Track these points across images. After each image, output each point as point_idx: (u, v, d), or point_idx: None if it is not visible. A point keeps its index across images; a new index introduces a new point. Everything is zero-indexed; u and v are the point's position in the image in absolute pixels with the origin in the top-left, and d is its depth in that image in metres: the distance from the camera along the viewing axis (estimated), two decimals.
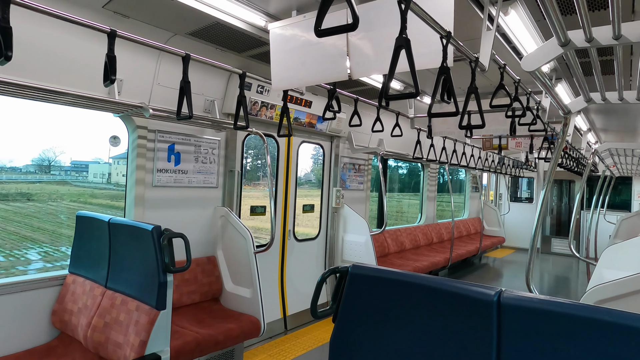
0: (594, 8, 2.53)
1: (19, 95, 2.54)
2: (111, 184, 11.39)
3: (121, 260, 2.67)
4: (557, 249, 11.19)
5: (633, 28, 2.00)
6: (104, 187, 11.42)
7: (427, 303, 1.37)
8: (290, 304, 4.84)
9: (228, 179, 4.10)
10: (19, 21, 2.26)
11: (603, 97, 3.25)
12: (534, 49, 2.36)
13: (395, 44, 1.59)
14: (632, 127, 6.02)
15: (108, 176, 11.69)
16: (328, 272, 1.60)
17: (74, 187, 11.37)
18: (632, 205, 10.99)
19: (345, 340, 1.54)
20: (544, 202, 3.19)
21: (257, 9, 2.80)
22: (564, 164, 6.35)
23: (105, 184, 11.57)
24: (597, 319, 1.07)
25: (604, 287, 2.30)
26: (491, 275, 8.61)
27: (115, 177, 11.43)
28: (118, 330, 2.44)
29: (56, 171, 11.19)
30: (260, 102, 4.05)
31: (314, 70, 2.49)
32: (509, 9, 2.50)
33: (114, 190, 11.16)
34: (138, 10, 2.82)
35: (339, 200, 5.42)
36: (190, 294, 3.64)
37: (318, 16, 1.39)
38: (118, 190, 10.99)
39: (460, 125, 2.26)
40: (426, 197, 8.23)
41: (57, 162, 11.22)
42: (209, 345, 3.08)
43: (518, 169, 10.19)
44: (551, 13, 1.79)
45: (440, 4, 1.92)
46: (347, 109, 4.49)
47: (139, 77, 3.23)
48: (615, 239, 6.54)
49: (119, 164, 11.50)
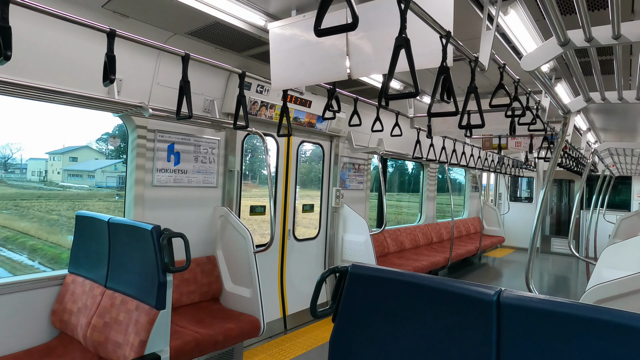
0: (593, 8, 2.53)
1: (18, 95, 2.53)
2: (46, 182, 10.18)
3: (121, 260, 2.67)
4: (557, 249, 11.20)
5: (632, 28, 2.00)
6: (39, 187, 10.15)
7: (427, 303, 1.37)
8: (289, 304, 4.84)
9: (228, 178, 4.10)
10: (19, 21, 2.26)
11: (602, 97, 3.25)
12: (534, 49, 2.35)
13: (394, 44, 1.59)
14: (632, 126, 6.02)
15: (45, 174, 10.51)
16: (328, 271, 1.60)
17: (6, 186, 10.19)
18: (631, 205, 10.99)
19: (345, 340, 1.54)
20: (544, 201, 3.19)
21: (257, 8, 2.80)
22: (563, 164, 6.35)
23: (40, 182, 10.33)
24: (597, 318, 1.07)
25: (604, 286, 2.30)
26: (491, 275, 8.61)
27: (52, 175, 10.33)
28: (118, 330, 2.44)
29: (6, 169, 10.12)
30: (260, 101, 4.05)
31: (314, 70, 2.49)
32: (509, 8, 2.50)
33: (45, 191, 9.92)
34: (137, 10, 2.82)
35: (339, 199, 5.42)
36: (189, 293, 3.64)
37: (318, 16, 1.39)
38: (52, 190, 9.79)
39: (459, 124, 2.26)
40: (426, 197, 8.23)
41: (14, 160, 10.21)
42: (209, 345, 3.08)
43: (518, 169, 10.20)
44: (551, 13, 1.79)
45: (439, 4, 1.92)
46: (347, 108, 4.49)
47: (138, 77, 3.23)
48: (615, 238, 6.54)
49: (55, 159, 10.44)
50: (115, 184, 10.39)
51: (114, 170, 10.67)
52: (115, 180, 10.54)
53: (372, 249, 5.07)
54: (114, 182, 10.56)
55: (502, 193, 12.04)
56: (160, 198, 3.56)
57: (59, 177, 10.57)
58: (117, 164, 10.63)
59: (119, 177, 10.34)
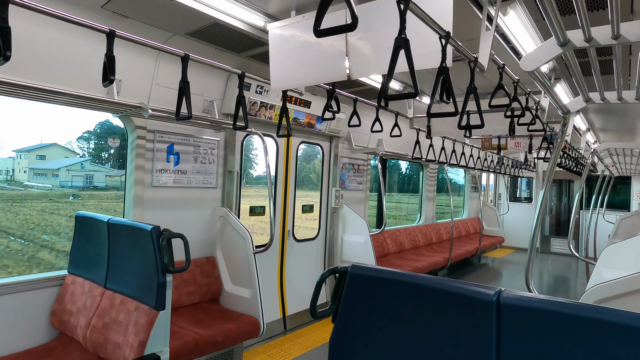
0: (592, 8, 2.53)
1: (17, 96, 2.53)
2: (10, 182, 9.62)
3: (120, 260, 2.67)
4: (557, 249, 11.20)
5: (632, 28, 2.00)
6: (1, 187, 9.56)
7: (427, 303, 1.37)
8: (289, 304, 4.84)
9: (227, 179, 4.10)
10: (18, 21, 2.26)
11: (602, 97, 3.25)
12: (533, 49, 2.36)
13: (394, 44, 1.59)
14: (631, 126, 6.02)
15: (12, 173, 10.00)
16: (327, 272, 1.60)
17: None
18: (631, 205, 11.00)
19: (345, 341, 1.54)
20: (543, 201, 3.19)
21: (256, 9, 2.80)
22: (563, 164, 6.35)
23: (5, 182, 9.77)
24: (597, 318, 1.07)
25: (603, 286, 2.31)
26: (490, 275, 8.61)
27: (19, 175, 9.80)
28: (117, 331, 2.44)
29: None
30: (260, 102, 4.05)
31: (313, 71, 2.49)
32: (508, 9, 2.50)
33: (7, 191, 9.35)
34: (137, 10, 2.82)
35: (338, 200, 5.42)
36: (189, 294, 3.64)
37: (317, 16, 1.39)
38: (15, 189, 9.20)
39: (459, 125, 2.26)
40: (425, 197, 8.24)
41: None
42: (208, 346, 3.07)
43: (517, 169, 10.21)
44: (550, 13, 1.79)
45: (439, 4, 1.92)
46: (346, 109, 4.49)
47: (138, 77, 3.23)
48: (615, 238, 6.54)
49: (22, 158, 9.92)
50: (82, 184, 10.01)
51: (81, 169, 10.24)
52: (82, 180, 10.16)
53: (371, 249, 5.07)
54: (80, 181, 10.16)
55: (502, 193, 12.05)
56: (160, 199, 3.56)
57: (25, 177, 10.16)
58: (84, 162, 10.22)
59: (86, 177, 9.96)
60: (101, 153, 11.02)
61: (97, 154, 10.90)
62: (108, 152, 10.94)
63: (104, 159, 10.99)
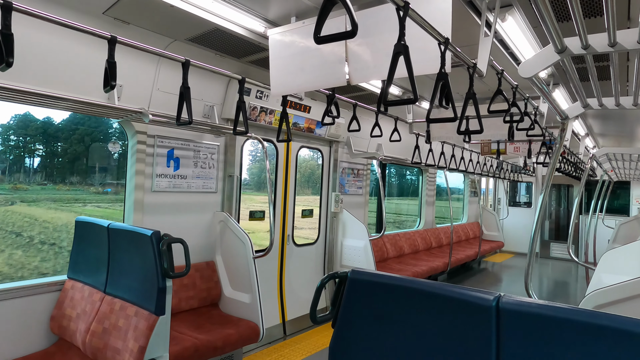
0: (589, 15, 2.55)
1: (19, 101, 2.54)
2: None
3: (120, 265, 2.66)
4: (556, 254, 11.19)
5: (628, 35, 2.02)
6: None
7: (426, 308, 1.37)
8: (289, 309, 4.82)
9: (227, 184, 4.10)
10: (21, 28, 2.27)
11: (600, 103, 3.27)
12: (531, 55, 2.37)
13: (393, 51, 1.60)
14: (630, 132, 6.05)
15: None
16: (327, 277, 1.60)
17: None
18: (630, 210, 11.01)
19: (345, 346, 1.54)
20: (543, 206, 3.20)
21: (257, 15, 2.82)
22: (562, 169, 6.37)
23: None
24: (596, 323, 1.08)
25: (603, 291, 2.31)
26: (490, 280, 8.60)
27: None
28: (117, 336, 2.43)
29: None
30: (260, 107, 4.06)
31: (313, 76, 2.50)
32: (506, 15, 2.52)
33: None
34: (138, 16, 2.84)
35: (338, 205, 5.43)
36: (189, 299, 3.63)
37: (317, 23, 1.40)
38: None
39: (458, 130, 2.28)
40: (425, 202, 8.24)
41: None
42: (208, 351, 3.06)
43: (516, 174, 10.22)
44: (547, 20, 1.81)
45: (438, 11, 1.94)
46: (346, 114, 4.50)
47: (138, 83, 3.24)
48: (614, 243, 6.55)
49: None
50: None
51: None
52: None
53: (371, 254, 5.06)
54: None
55: (501, 198, 12.05)
56: (160, 203, 3.56)
57: None
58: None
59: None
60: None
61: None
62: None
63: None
